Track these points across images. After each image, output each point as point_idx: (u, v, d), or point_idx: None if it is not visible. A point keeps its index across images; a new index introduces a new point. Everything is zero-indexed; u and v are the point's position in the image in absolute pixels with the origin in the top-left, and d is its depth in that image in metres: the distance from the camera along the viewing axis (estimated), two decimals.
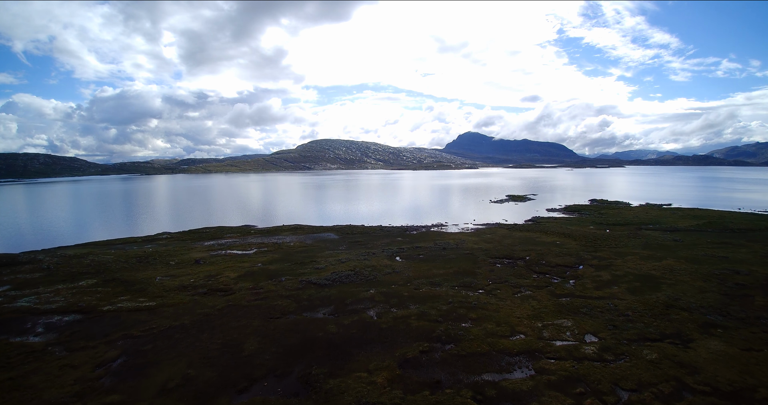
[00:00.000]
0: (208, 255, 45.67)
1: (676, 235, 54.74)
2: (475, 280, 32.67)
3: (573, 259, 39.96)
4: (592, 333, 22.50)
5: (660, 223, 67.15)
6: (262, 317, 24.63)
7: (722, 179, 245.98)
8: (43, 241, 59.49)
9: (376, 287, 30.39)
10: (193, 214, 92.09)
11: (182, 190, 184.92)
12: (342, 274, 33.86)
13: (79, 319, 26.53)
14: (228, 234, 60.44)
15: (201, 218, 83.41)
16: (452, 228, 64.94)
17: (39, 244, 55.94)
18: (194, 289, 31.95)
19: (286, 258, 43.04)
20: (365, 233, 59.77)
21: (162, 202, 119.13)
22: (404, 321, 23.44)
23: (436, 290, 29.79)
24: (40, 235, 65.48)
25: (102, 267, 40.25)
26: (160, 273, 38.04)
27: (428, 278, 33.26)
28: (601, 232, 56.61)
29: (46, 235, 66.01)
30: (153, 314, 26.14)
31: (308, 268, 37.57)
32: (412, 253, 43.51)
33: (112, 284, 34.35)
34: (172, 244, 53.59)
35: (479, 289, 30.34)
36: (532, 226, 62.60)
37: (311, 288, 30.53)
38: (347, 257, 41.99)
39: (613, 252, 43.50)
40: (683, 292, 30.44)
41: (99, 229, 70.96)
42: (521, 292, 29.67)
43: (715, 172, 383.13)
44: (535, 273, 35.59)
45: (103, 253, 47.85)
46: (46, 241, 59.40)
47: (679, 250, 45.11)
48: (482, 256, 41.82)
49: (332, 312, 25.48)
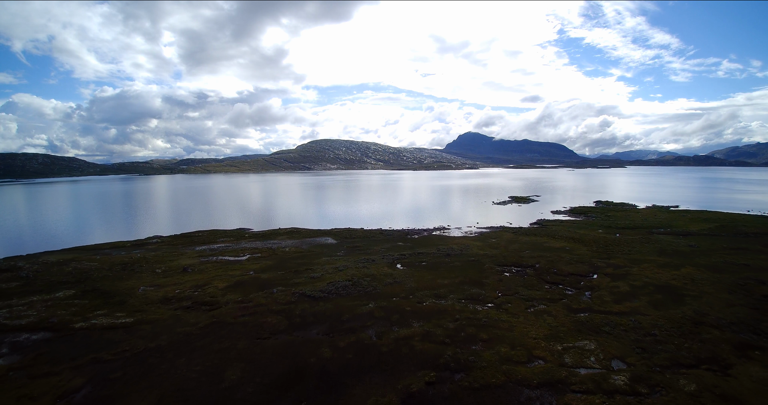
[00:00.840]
0: (198, 261, 43.12)
1: (690, 239, 52.21)
2: (483, 292, 30.13)
3: (586, 267, 37.43)
4: (620, 358, 19.98)
5: (671, 226, 64.64)
6: (249, 337, 22.09)
7: (725, 180, 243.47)
8: (28, 245, 56.93)
9: (376, 300, 27.86)
10: (188, 216, 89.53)
11: (179, 191, 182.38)
12: (339, 284, 31.32)
13: (49, 337, 24.02)
14: (221, 238, 57.88)
15: (195, 221, 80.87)
16: (455, 232, 62.41)
17: (23, 249, 53.39)
18: (178, 301, 29.42)
19: (280, 265, 40.51)
20: (365, 237, 57.23)
21: (157, 204, 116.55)
22: (407, 343, 20.90)
23: (441, 304, 27.26)
24: (25, 239, 62.95)
25: (83, 275, 37.71)
26: (144, 282, 35.50)
27: (432, 289, 30.75)
28: (612, 237, 54.08)
29: (31, 239, 63.47)
30: (128, 333, 23.60)
31: (303, 277, 35.03)
32: (414, 260, 40.99)
33: (90, 295, 31.82)
34: (162, 250, 51.05)
35: (488, 303, 27.81)
36: (538, 230, 60.06)
37: (305, 301, 27.98)
38: (345, 264, 39.46)
39: (628, 259, 40.97)
40: (709, 306, 27.96)
41: (88, 232, 68.40)
42: (534, 307, 27.13)
43: (716, 173, 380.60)
44: (546, 283, 33.05)
45: (88, 259, 45.33)
46: (30, 245, 56.84)
47: (696, 256, 42.60)
48: (489, 263, 39.29)
49: (327, 331, 22.93)
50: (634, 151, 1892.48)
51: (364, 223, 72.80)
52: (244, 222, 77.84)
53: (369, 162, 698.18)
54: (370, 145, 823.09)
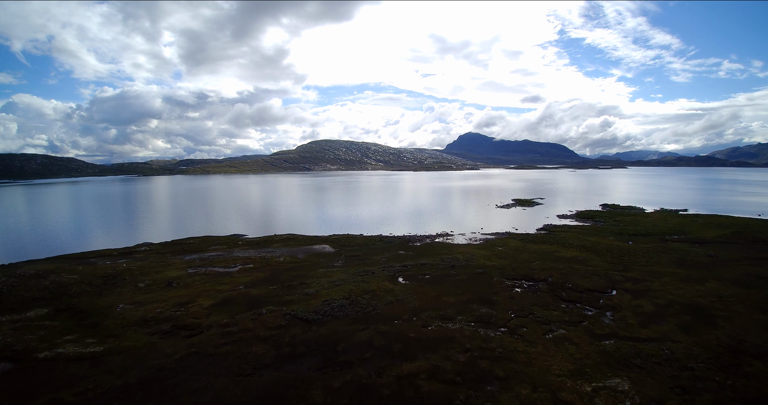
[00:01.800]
0: (186, 273, 40.34)
1: (707, 248, 49.41)
2: (493, 312, 27.35)
3: (603, 282, 34.64)
4: (658, 401, 17.20)
5: (684, 232, 61.81)
6: (229, 374, 19.30)
7: (729, 181, 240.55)
8: (11, 254, 54.17)
9: (376, 324, 25.08)
10: (181, 221, 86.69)
11: (175, 194, 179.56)
12: (335, 303, 28.53)
13: (8, 370, 21.25)
14: (213, 246, 55.09)
15: (188, 226, 78.06)
16: (459, 238, 59.63)
17: (5, 258, 50.70)
18: (157, 323, 26.65)
19: (273, 278, 37.74)
20: (364, 245, 54.46)
21: (151, 207, 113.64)
22: (412, 383, 18.10)
23: (448, 328, 24.46)
24: (9, 247, 60.14)
25: (60, 291, 34.91)
26: (124, 299, 32.73)
27: (438, 309, 27.97)
28: (625, 245, 51.27)
29: (16, 246, 60.68)
30: (96, 366, 20.82)
31: (296, 293, 32.25)
32: (417, 273, 38.20)
33: (63, 316, 29.08)
34: (150, 259, 48.28)
35: (501, 327, 25.02)
36: (546, 237, 57.23)
37: (296, 325, 25.19)
38: (343, 278, 36.67)
39: (646, 271, 38.17)
40: (744, 330, 25.21)
41: (76, 238, 65.57)
42: (553, 332, 24.34)
43: (719, 174, 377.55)
44: (562, 301, 30.27)
45: (70, 270, 42.50)
46: (14, 254, 54.06)
47: (718, 268, 39.83)
48: (497, 276, 36.52)
49: (320, 365, 20.13)
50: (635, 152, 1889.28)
51: (364, 229, 70.04)
52: (238, 227, 75.06)
53: (369, 162, 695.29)
54: (371, 146, 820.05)
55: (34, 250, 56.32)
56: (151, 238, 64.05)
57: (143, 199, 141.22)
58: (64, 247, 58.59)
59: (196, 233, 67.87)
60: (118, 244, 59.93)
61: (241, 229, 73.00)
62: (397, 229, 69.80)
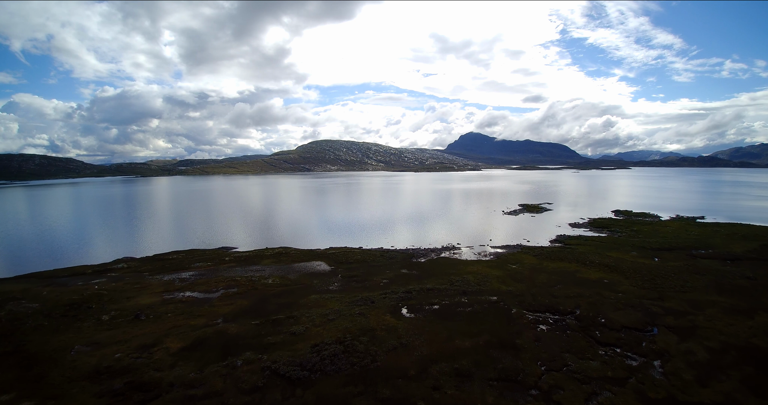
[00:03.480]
0: (160, 300, 35.61)
1: (742, 267, 44.58)
2: (519, 364, 22.54)
3: (640, 316, 29.78)
4: None
5: (709, 245, 56.97)
6: None
7: (737, 183, 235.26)
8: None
9: (375, 385, 20.28)
10: (168, 230, 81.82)
11: (169, 198, 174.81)
12: (326, 350, 23.74)
13: None
14: (197, 263, 50.31)
15: (175, 236, 73.30)
16: (467, 252, 54.85)
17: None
18: (110, 378, 21.90)
19: (258, 308, 32.99)
20: (363, 262, 49.68)
21: (140, 214, 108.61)
22: None
23: (466, 394, 19.67)
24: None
25: (14, 325, 30.16)
26: (82, 337, 28.02)
27: (450, 358, 23.16)
28: (651, 263, 46.47)
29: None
30: None
31: (282, 332, 27.46)
32: (423, 301, 33.40)
33: (8, 362, 24.36)
34: (126, 278, 43.59)
35: (531, 388, 20.22)
36: (563, 252, 52.34)
37: (276, 386, 20.40)
38: (337, 308, 31.91)
39: (685, 300, 33.32)
40: None
41: (51, 253, 60.64)
42: (597, 396, 19.53)
43: (724, 175, 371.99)
44: (599, 344, 25.46)
45: (35, 294, 37.71)
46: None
47: (763, 295, 35.03)
48: (516, 306, 31.71)
49: None
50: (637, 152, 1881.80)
51: (364, 240, 65.29)
52: (229, 238, 70.23)
53: (370, 163, 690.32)
54: (371, 146, 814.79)
55: (4, 268, 51.63)
56: (133, 251, 59.30)
57: (134, 205, 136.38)
58: (37, 263, 53.80)
59: (182, 245, 63.17)
60: (97, 258, 55.26)
61: (231, 240, 68.21)
62: (399, 240, 65.02)
